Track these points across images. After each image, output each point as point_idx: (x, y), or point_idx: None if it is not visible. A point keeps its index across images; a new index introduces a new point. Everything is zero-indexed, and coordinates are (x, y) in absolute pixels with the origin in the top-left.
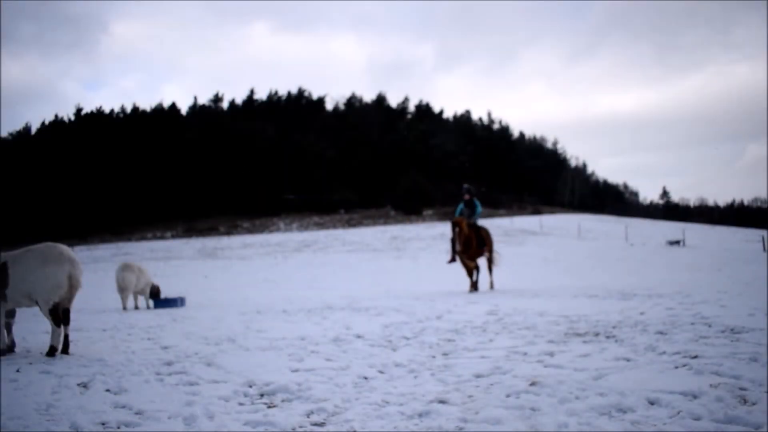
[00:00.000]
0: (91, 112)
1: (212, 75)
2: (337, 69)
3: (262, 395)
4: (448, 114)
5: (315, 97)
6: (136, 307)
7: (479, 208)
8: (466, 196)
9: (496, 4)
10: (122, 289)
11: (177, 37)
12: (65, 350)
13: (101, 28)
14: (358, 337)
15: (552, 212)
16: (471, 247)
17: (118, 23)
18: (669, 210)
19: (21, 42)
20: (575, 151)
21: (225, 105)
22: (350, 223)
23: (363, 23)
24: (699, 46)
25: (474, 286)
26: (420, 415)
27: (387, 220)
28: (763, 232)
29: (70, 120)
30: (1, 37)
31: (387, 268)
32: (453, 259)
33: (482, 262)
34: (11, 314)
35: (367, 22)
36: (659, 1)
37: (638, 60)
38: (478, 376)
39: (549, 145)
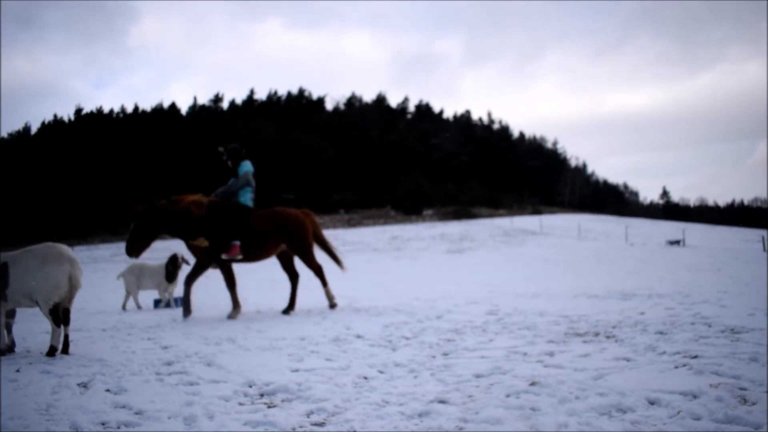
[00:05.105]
0: (91, 112)
1: (219, 73)
2: (346, 67)
3: (262, 395)
4: (448, 114)
5: (315, 96)
6: (138, 308)
7: (242, 175)
8: (230, 163)
9: (519, 3)
10: (126, 291)
11: (185, 35)
12: (65, 350)
13: (110, 27)
14: (358, 337)
15: (552, 212)
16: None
17: (126, 22)
18: (669, 210)
19: (24, 40)
20: (579, 150)
21: (225, 105)
22: (350, 223)
23: (374, 21)
24: (708, 44)
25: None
26: (420, 415)
27: (387, 220)
28: (763, 232)
29: (70, 120)
30: (2, 37)
31: (387, 268)
32: (200, 265)
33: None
34: (11, 314)
35: (378, 20)
36: (678, 1)
37: (650, 59)
38: (478, 376)
39: (549, 145)
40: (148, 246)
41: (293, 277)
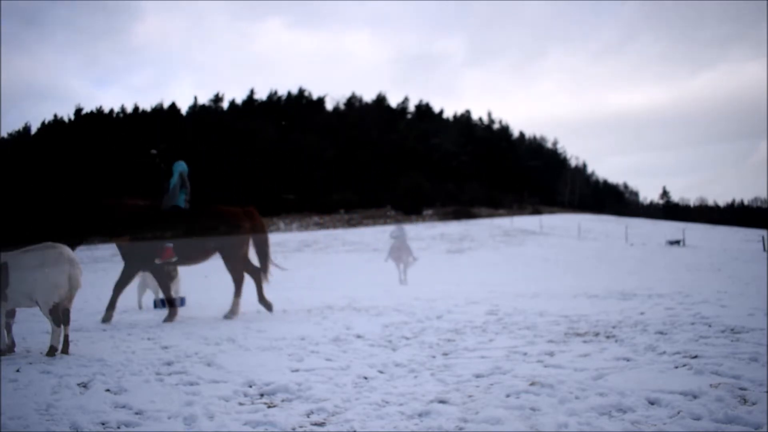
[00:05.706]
0: (91, 112)
1: (219, 73)
2: (346, 67)
3: (262, 395)
4: (448, 114)
5: (315, 96)
6: (139, 308)
7: (175, 178)
8: (163, 165)
9: (520, 3)
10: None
11: (186, 35)
12: (65, 350)
13: (111, 27)
14: (358, 337)
15: (552, 212)
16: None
17: (126, 22)
18: (669, 210)
19: (25, 40)
20: (579, 150)
21: (225, 105)
22: (350, 223)
23: (375, 21)
24: (709, 44)
25: (171, 315)
26: (420, 415)
27: (387, 220)
28: (763, 232)
29: (70, 120)
30: (2, 38)
31: (386, 268)
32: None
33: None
34: (11, 314)
35: (378, 20)
36: (684, 1)
37: (651, 59)
38: (478, 376)
39: (549, 145)
40: (78, 245)
41: (253, 273)
